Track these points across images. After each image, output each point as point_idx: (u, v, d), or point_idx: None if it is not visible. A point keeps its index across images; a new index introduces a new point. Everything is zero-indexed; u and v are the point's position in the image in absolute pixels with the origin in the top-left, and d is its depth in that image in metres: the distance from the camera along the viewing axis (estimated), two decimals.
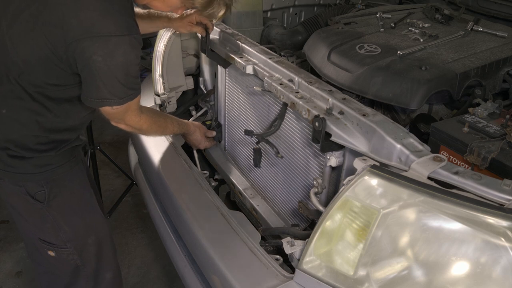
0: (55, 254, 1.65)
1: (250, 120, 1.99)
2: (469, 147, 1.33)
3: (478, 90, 1.64)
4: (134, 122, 1.61)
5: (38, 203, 1.56)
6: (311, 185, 1.60)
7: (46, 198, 1.56)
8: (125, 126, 1.62)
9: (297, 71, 1.63)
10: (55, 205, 1.58)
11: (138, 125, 1.63)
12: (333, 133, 1.38)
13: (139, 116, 1.62)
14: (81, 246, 1.68)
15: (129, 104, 1.47)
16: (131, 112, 1.55)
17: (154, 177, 2.06)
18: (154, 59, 2.31)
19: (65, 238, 1.63)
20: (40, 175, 1.53)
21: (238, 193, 2.06)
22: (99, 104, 1.44)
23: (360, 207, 1.18)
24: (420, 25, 2.00)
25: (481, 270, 1.07)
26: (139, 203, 3.20)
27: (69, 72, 1.40)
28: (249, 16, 2.32)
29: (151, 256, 2.81)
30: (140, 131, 1.71)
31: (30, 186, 1.54)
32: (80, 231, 1.67)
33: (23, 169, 1.52)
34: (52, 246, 1.64)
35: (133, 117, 1.58)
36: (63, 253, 1.65)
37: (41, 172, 1.53)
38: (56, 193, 1.58)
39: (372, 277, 1.16)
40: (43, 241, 1.63)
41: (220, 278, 1.48)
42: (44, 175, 1.54)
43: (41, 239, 1.63)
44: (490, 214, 1.04)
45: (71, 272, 1.70)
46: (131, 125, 1.61)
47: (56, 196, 1.58)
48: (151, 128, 1.72)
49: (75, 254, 1.67)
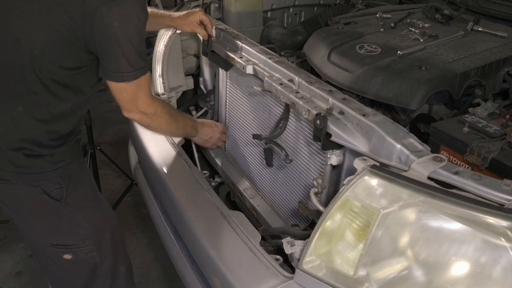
0: (72, 256, 1.63)
1: (250, 121, 1.99)
2: (469, 147, 1.33)
3: (478, 90, 1.64)
4: (147, 106, 1.58)
5: (55, 202, 1.55)
6: (311, 185, 1.60)
7: (64, 195, 1.56)
8: (138, 114, 1.59)
9: (297, 71, 1.63)
10: (71, 202, 1.58)
11: (151, 109, 1.61)
12: (333, 133, 1.38)
13: (151, 99, 1.60)
14: (99, 241, 1.67)
15: (141, 81, 1.48)
16: (143, 93, 1.54)
17: (154, 177, 2.06)
18: (154, 59, 2.31)
19: (84, 235, 1.62)
20: (55, 172, 1.54)
21: (238, 193, 2.06)
22: (119, 78, 1.45)
23: (360, 207, 1.18)
24: (420, 25, 1.99)
25: (481, 270, 1.07)
26: (139, 203, 3.20)
27: (84, 51, 1.42)
28: (249, 16, 2.32)
29: (151, 256, 2.81)
30: (152, 120, 1.66)
31: (46, 184, 1.54)
32: (98, 225, 1.67)
33: (39, 168, 1.52)
34: (69, 248, 1.62)
35: (146, 99, 1.57)
36: (82, 252, 1.64)
37: (55, 169, 1.54)
38: (72, 190, 1.58)
39: (372, 277, 1.16)
40: (58, 245, 1.61)
41: (220, 278, 1.48)
42: (58, 172, 1.55)
43: (55, 244, 1.61)
44: (490, 214, 1.04)
45: (88, 273, 1.69)
46: (144, 111, 1.59)
47: (71, 192, 1.58)
48: (163, 115, 1.68)
49: (94, 251, 1.66)
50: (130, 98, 1.54)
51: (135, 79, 1.47)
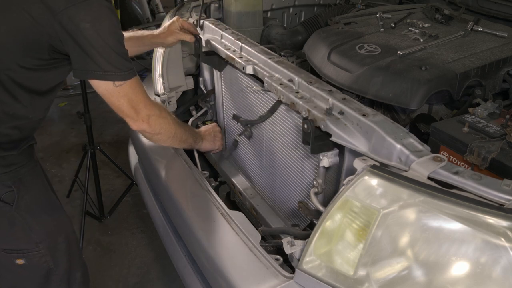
0: (25, 261, 1.60)
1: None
2: (469, 147, 1.33)
3: (478, 90, 1.64)
4: (150, 107, 1.55)
5: (6, 205, 1.52)
6: (311, 185, 1.60)
7: (15, 198, 1.53)
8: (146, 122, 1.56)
9: (297, 71, 1.63)
10: (23, 206, 1.55)
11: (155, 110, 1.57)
12: (333, 133, 1.38)
13: (151, 101, 1.57)
14: (53, 245, 1.65)
15: (133, 83, 1.46)
16: (141, 95, 1.51)
17: (154, 177, 2.06)
18: (154, 59, 2.31)
19: (37, 239, 1.60)
20: (6, 175, 1.51)
21: (238, 193, 2.06)
22: (101, 77, 1.41)
23: (360, 207, 1.18)
24: (420, 25, 1.99)
25: (481, 270, 1.06)
26: (139, 203, 3.20)
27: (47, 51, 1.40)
28: (249, 16, 2.32)
29: (151, 256, 2.81)
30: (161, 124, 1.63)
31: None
32: (51, 229, 1.64)
33: None
34: (21, 253, 1.59)
35: (146, 100, 1.54)
36: (35, 257, 1.61)
37: (6, 172, 1.51)
38: (24, 193, 1.55)
39: (372, 277, 1.16)
40: (10, 250, 1.59)
41: (220, 278, 1.48)
42: (9, 175, 1.52)
43: (7, 249, 1.58)
44: (490, 214, 1.04)
45: (41, 278, 1.66)
46: (149, 113, 1.56)
47: (23, 196, 1.55)
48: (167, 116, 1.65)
49: (48, 255, 1.63)
50: (128, 103, 1.50)
51: (124, 80, 1.44)
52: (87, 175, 3.04)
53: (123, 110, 1.52)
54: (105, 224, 3.10)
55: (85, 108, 2.98)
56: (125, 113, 1.53)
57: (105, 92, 1.46)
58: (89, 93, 3.05)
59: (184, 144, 1.91)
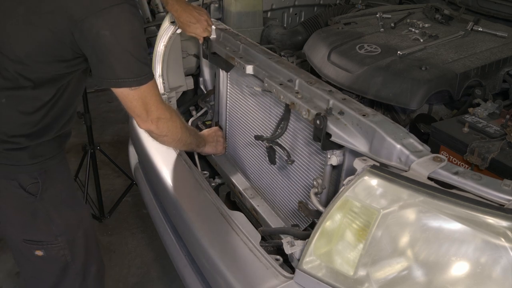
0: (44, 253, 1.63)
1: (251, 122, 1.99)
2: (469, 147, 1.33)
3: (478, 90, 1.64)
4: (161, 111, 1.56)
5: (30, 196, 1.55)
6: (311, 185, 1.60)
7: (39, 190, 1.55)
8: (154, 123, 1.57)
9: (297, 71, 1.63)
10: (47, 198, 1.58)
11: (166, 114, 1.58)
12: (333, 133, 1.38)
13: (164, 104, 1.58)
14: (72, 239, 1.66)
15: (148, 87, 1.46)
16: (154, 98, 1.52)
17: (154, 177, 2.06)
18: (154, 59, 2.31)
19: (57, 232, 1.62)
20: (33, 166, 1.53)
21: (238, 193, 2.06)
22: (116, 84, 1.43)
23: (360, 207, 1.18)
24: (420, 25, 1.99)
25: (481, 270, 1.07)
26: (139, 203, 3.20)
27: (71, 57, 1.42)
28: (249, 16, 2.32)
29: (151, 256, 2.81)
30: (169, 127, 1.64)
31: (22, 178, 1.54)
32: (71, 223, 1.66)
33: (18, 160, 1.52)
34: (41, 244, 1.62)
35: (158, 104, 1.54)
36: (53, 250, 1.63)
37: (34, 164, 1.54)
38: (48, 185, 1.58)
39: (372, 277, 1.16)
40: (30, 241, 1.61)
41: (220, 278, 1.48)
42: (36, 166, 1.54)
43: (27, 239, 1.61)
44: (490, 214, 1.04)
45: (59, 271, 1.68)
46: (159, 116, 1.57)
47: (48, 188, 1.57)
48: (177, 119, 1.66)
49: (66, 248, 1.65)
50: (141, 105, 1.51)
51: (140, 85, 1.45)
52: (87, 175, 3.04)
53: (135, 111, 1.53)
54: (105, 224, 3.10)
55: (85, 108, 2.98)
56: (136, 113, 1.54)
57: (120, 94, 1.48)
58: (89, 93, 3.05)
59: (187, 147, 1.93)
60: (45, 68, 1.44)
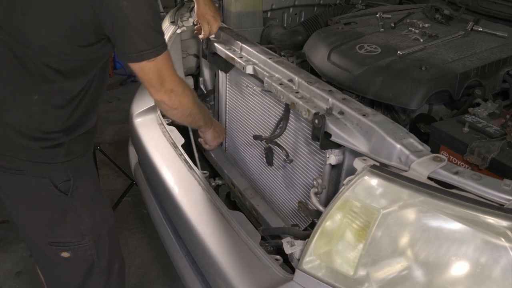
0: (71, 254, 1.61)
1: (250, 121, 1.99)
2: (469, 147, 1.33)
3: (478, 90, 1.64)
4: (175, 82, 1.57)
5: (62, 194, 1.54)
6: (311, 185, 1.60)
7: (71, 188, 1.55)
8: (167, 94, 1.56)
9: (297, 71, 1.63)
10: (77, 196, 1.57)
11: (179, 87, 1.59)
12: (333, 133, 1.38)
13: (178, 76, 1.58)
14: (98, 238, 1.66)
15: (163, 57, 1.47)
16: (169, 70, 1.53)
17: (154, 177, 2.06)
18: None
19: (85, 231, 1.61)
20: (66, 163, 1.54)
21: (238, 193, 2.06)
22: (138, 58, 1.43)
23: (360, 207, 1.18)
24: (420, 25, 1.99)
25: (481, 270, 1.07)
26: (139, 203, 3.20)
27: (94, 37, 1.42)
28: (249, 16, 2.32)
29: (151, 256, 2.81)
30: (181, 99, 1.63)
31: (55, 176, 1.53)
32: (98, 222, 1.66)
33: (51, 158, 1.51)
34: (68, 245, 1.60)
35: (172, 75, 1.55)
36: (81, 250, 1.62)
37: (67, 161, 1.54)
38: (78, 184, 1.57)
39: (372, 277, 1.16)
40: (56, 243, 1.60)
41: (220, 278, 1.48)
42: (69, 164, 1.54)
43: (53, 242, 1.60)
44: (490, 214, 1.04)
45: (85, 271, 1.67)
46: (173, 88, 1.57)
47: (78, 186, 1.57)
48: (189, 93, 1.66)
49: (93, 248, 1.64)
50: (156, 76, 1.51)
51: (156, 56, 1.45)
52: None
53: (150, 82, 1.53)
54: None
55: None
56: (150, 84, 1.54)
57: (136, 67, 1.48)
58: None
59: (194, 125, 1.92)
60: (71, 55, 1.43)
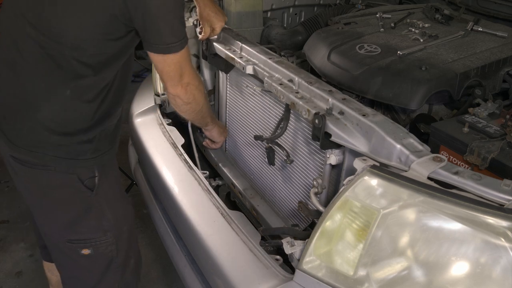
0: (91, 251, 1.61)
1: (251, 122, 1.99)
2: (469, 147, 1.33)
3: (478, 90, 1.64)
4: (193, 76, 1.59)
5: (88, 191, 1.55)
6: (311, 185, 1.60)
7: (96, 184, 1.55)
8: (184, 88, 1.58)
9: (297, 71, 1.63)
10: (101, 192, 1.58)
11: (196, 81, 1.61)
12: (333, 133, 1.38)
13: (195, 69, 1.59)
14: (118, 234, 1.66)
15: (186, 50, 1.49)
16: (189, 63, 1.55)
17: (154, 177, 2.06)
18: None
19: (107, 227, 1.61)
20: (93, 160, 1.54)
21: (238, 193, 2.07)
22: (165, 50, 1.45)
23: (360, 207, 1.18)
24: (420, 25, 1.99)
25: (481, 270, 1.07)
26: (139, 203, 3.19)
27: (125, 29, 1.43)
28: (249, 16, 2.32)
29: (151, 256, 2.81)
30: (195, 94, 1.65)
31: (82, 172, 1.53)
32: (119, 218, 1.66)
33: (80, 154, 1.51)
34: (89, 242, 1.59)
35: (191, 69, 1.57)
36: (102, 246, 1.62)
37: (94, 157, 1.54)
38: (103, 180, 1.58)
39: (372, 277, 1.16)
40: (77, 240, 1.59)
41: (220, 278, 1.48)
42: (96, 161, 1.55)
43: (73, 239, 1.58)
44: (490, 214, 1.04)
45: (104, 267, 1.66)
46: (190, 82, 1.58)
47: (103, 183, 1.58)
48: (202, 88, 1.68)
49: (114, 244, 1.64)
50: (177, 69, 1.52)
51: (181, 49, 1.46)
52: None
53: (170, 74, 1.54)
54: None
55: None
56: (170, 76, 1.55)
57: (160, 59, 1.49)
58: None
59: (200, 122, 1.93)
60: (101, 49, 1.43)
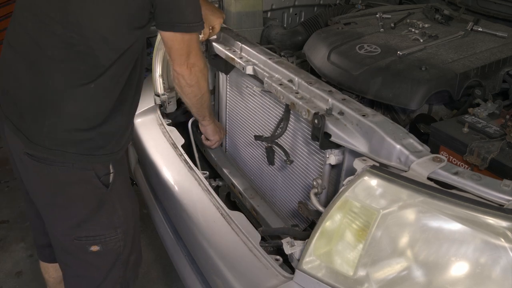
0: (100, 247, 1.60)
1: (251, 122, 2.00)
2: (469, 147, 1.33)
3: (478, 90, 1.64)
4: (199, 57, 1.63)
5: (103, 187, 1.54)
6: (311, 185, 1.60)
7: (111, 181, 1.56)
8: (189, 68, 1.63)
9: (297, 72, 1.63)
10: (114, 189, 1.58)
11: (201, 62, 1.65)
12: (332, 133, 1.38)
13: (201, 51, 1.63)
14: (126, 230, 1.66)
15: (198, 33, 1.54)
16: (198, 45, 1.59)
17: (154, 177, 2.06)
18: (154, 59, 2.31)
19: (117, 223, 1.61)
20: (110, 156, 1.54)
21: (238, 193, 2.07)
22: (188, 29, 1.50)
23: (360, 207, 1.18)
24: (420, 25, 2.00)
25: (481, 271, 1.07)
26: (139, 203, 3.19)
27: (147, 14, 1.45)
28: (249, 16, 2.32)
29: (151, 256, 2.81)
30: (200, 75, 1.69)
31: (99, 168, 1.53)
32: (129, 214, 1.66)
33: (98, 149, 1.51)
34: (99, 238, 1.59)
35: (199, 51, 1.61)
36: (111, 242, 1.61)
37: (111, 153, 1.55)
38: (117, 176, 1.58)
39: (372, 277, 1.16)
40: (86, 237, 1.58)
41: (220, 278, 1.48)
42: (112, 157, 1.55)
43: (81, 236, 1.58)
44: (490, 215, 1.04)
45: (111, 263, 1.66)
46: (195, 63, 1.63)
47: (117, 179, 1.58)
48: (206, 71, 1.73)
49: (122, 240, 1.64)
50: (187, 47, 1.57)
51: (200, 29, 1.52)
52: None
53: (179, 51, 1.58)
54: None
55: None
56: (179, 53, 1.59)
57: (174, 38, 1.52)
58: None
59: (198, 111, 1.95)
60: (127, 40, 1.45)
